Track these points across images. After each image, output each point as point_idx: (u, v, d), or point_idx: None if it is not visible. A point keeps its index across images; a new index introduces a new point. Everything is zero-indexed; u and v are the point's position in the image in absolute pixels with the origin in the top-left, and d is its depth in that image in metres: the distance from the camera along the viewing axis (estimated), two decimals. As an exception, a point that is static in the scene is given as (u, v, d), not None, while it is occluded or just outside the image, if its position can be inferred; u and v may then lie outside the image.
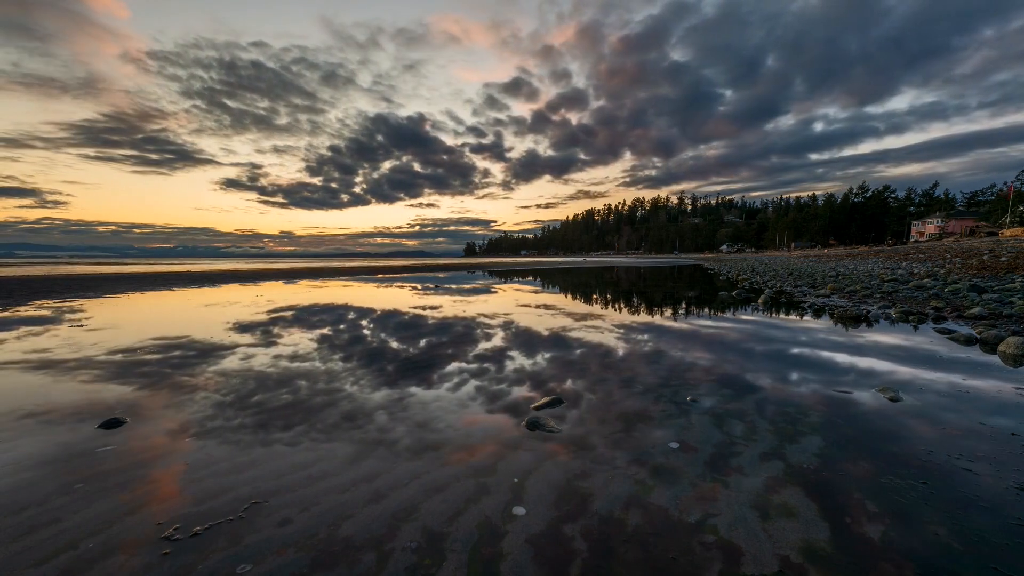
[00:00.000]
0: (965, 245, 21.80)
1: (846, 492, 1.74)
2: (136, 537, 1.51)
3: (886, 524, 1.54)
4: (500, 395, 2.98)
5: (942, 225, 56.15)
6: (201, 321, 6.33)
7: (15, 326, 5.93)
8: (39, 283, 13.49)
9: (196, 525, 1.57)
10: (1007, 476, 1.84)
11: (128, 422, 2.52)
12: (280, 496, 1.76)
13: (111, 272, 21.42)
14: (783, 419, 2.48)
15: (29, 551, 1.45)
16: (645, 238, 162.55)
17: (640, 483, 1.83)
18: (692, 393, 2.93)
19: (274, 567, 1.37)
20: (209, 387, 3.17)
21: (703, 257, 65.79)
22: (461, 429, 2.41)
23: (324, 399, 2.90)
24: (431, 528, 1.55)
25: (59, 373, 3.57)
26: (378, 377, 3.43)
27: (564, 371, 3.54)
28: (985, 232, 42.44)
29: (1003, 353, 3.80)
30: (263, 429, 2.42)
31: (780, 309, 7.08)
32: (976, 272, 9.94)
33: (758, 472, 1.91)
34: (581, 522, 1.58)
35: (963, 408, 2.61)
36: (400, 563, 1.38)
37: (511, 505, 1.68)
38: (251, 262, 56.89)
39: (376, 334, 5.28)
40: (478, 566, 1.37)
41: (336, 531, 1.54)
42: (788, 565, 1.35)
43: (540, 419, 2.46)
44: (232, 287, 13.00)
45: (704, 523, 1.56)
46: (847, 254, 29.56)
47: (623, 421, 2.49)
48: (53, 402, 2.87)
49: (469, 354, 4.20)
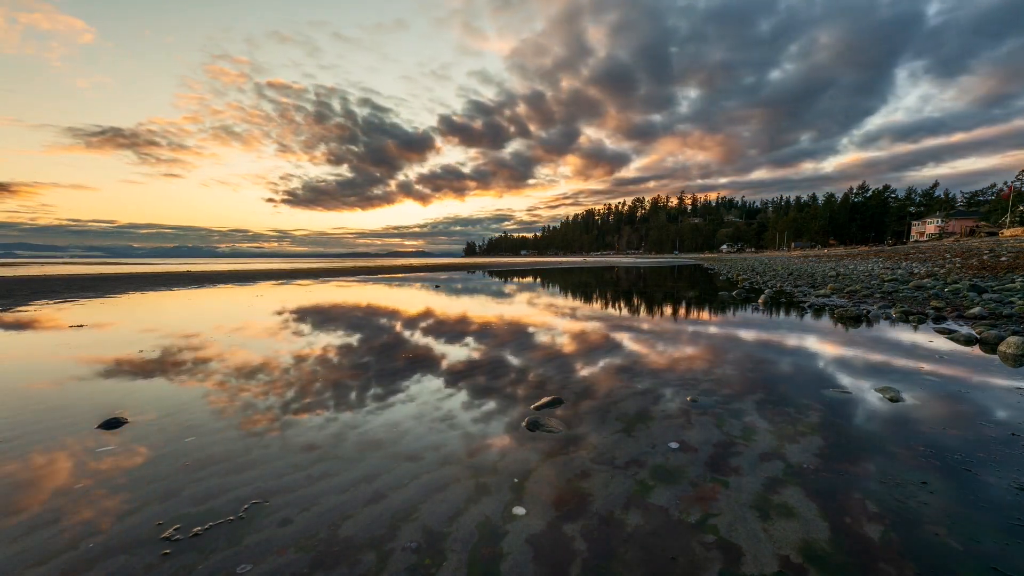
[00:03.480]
0: (965, 245, 21.80)
1: (846, 492, 1.74)
2: (136, 537, 1.51)
3: (886, 524, 1.54)
4: (500, 395, 2.98)
5: (942, 225, 56.13)
6: (201, 321, 6.33)
7: (15, 326, 5.93)
8: (39, 283, 13.48)
9: (196, 525, 1.57)
10: (1007, 476, 1.84)
11: (129, 422, 2.52)
12: (280, 496, 1.76)
13: (111, 272, 21.41)
14: (783, 419, 2.48)
15: (29, 551, 1.45)
16: (645, 238, 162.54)
17: (640, 483, 1.83)
18: (691, 393, 2.93)
19: (274, 567, 1.37)
20: (210, 387, 3.17)
21: (703, 257, 65.80)
22: (461, 430, 2.41)
23: (322, 400, 2.90)
24: (431, 528, 1.55)
25: (59, 374, 3.57)
26: (375, 377, 3.43)
27: (564, 371, 3.54)
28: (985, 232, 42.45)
29: (1003, 353, 3.80)
30: (262, 429, 2.42)
31: (780, 309, 7.08)
32: (976, 272, 9.94)
33: (758, 472, 1.91)
34: (581, 522, 1.58)
35: (963, 408, 2.61)
36: (400, 563, 1.38)
37: (511, 505, 1.68)
38: (245, 262, 56.89)
39: (365, 336, 5.28)
40: (478, 566, 1.37)
41: (336, 531, 1.54)
42: (788, 565, 1.35)
43: (540, 419, 2.46)
44: (228, 287, 13.00)
45: (704, 523, 1.56)
46: (847, 254, 29.56)
47: (623, 421, 2.48)
48: (54, 402, 2.87)
49: (468, 354, 4.20)
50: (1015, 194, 50.59)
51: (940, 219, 58.36)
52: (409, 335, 5.22)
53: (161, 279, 16.09)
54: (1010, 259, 11.45)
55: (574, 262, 49.35)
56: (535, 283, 14.57)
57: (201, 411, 2.70)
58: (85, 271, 23.20)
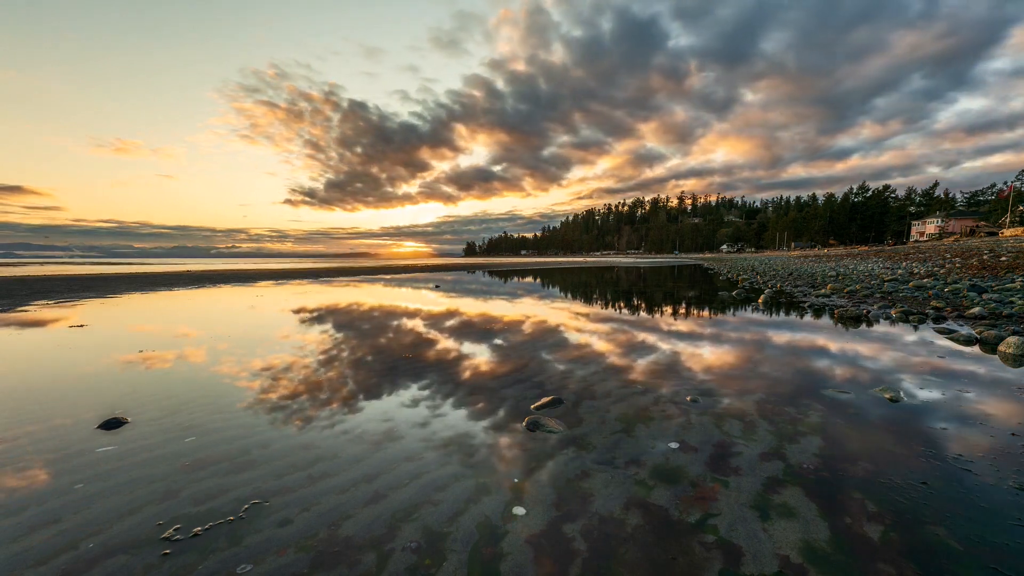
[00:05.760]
0: (965, 245, 21.80)
1: (846, 492, 1.74)
2: (136, 537, 1.51)
3: (886, 524, 1.54)
4: (499, 395, 2.98)
5: (942, 225, 56.11)
6: (201, 320, 6.33)
7: (15, 326, 5.93)
8: (39, 283, 13.48)
9: (196, 525, 1.57)
10: (1007, 476, 1.84)
11: (129, 422, 2.52)
12: (280, 496, 1.76)
13: (111, 272, 21.41)
14: (783, 419, 2.48)
15: (29, 551, 1.45)
16: (645, 238, 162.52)
17: (640, 483, 1.83)
18: (691, 393, 2.93)
19: (274, 567, 1.37)
20: (210, 387, 3.17)
21: (703, 257, 65.80)
22: (460, 430, 2.41)
23: (321, 399, 2.90)
24: (431, 528, 1.55)
25: (59, 374, 3.57)
26: (375, 377, 3.43)
27: (564, 371, 3.54)
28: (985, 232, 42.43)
29: (1003, 353, 3.80)
30: (262, 429, 2.42)
31: (780, 309, 7.08)
32: (976, 272, 9.94)
33: (758, 472, 1.91)
34: (581, 522, 1.58)
35: (963, 408, 2.61)
36: (400, 563, 1.38)
37: (511, 505, 1.68)
38: (245, 263, 56.94)
39: (365, 336, 5.28)
40: (478, 566, 1.37)
41: (336, 531, 1.54)
42: (788, 565, 1.35)
43: (540, 419, 2.46)
44: (228, 287, 13.00)
45: (704, 523, 1.56)
46: (847, 254, 29.56)
47: (623, 421, 2.49)
48: (54, 402, 2.87)
49: (468, 354, 4.20)
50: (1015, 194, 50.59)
51: (940, 219, 58.35)
52: (408, 335, 5.21)
53: (161, 279, 16.09)
54: (1010, 259, 11.45)
55: (574, 262, 49.36)
56: (535, 283, 14.56)
57: (201, 411, 2.70)
58: (85, 271, 23.20)
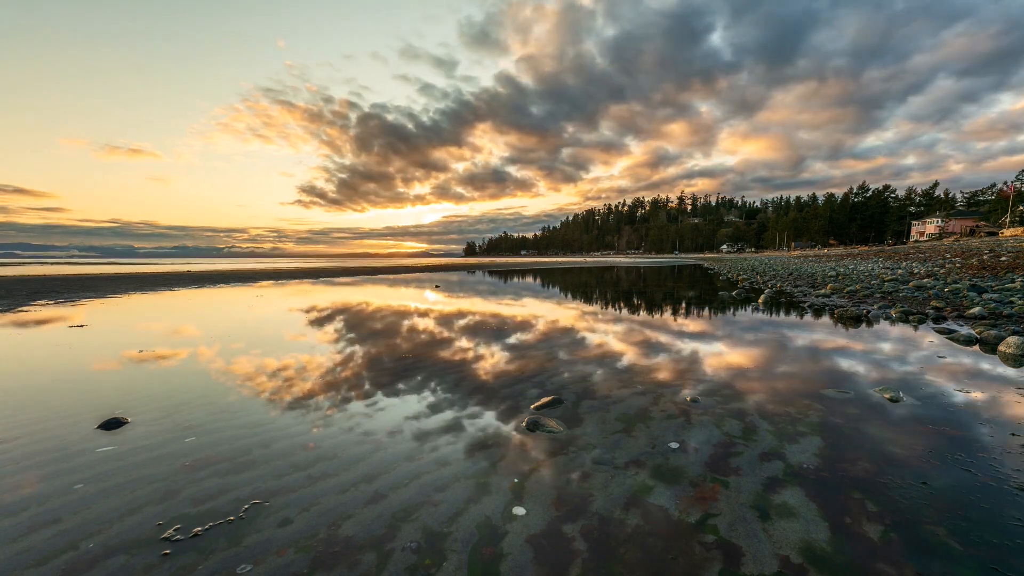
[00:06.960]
0: (965, 245, 21.80)
1: (846, 492, 1.74)
2: (136, 537, 1.51)
3: (886, 524, 1.54)
4: (499, 395, 2.98)
5: (942, 225, 56.12)
6: (201, 320, 6.33)
7: (15, 326, 5.93)
8: (39, 283, 13.48)
9: (196, 525, 1.57)
10: (1007, 476, 1.84)
11: (129, 422, 2.52)
12: (280, 496, 1.76)
13: (111, 272, 21.41)
14: (783, 419, 2.48)
15: (29, 551, 1.45)
16: (645, 238, 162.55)
17: (640, 483, 1.83)
18: (691, 393, 2.93)
19: (274, 567, 1.37)
20: (210, 387, 3.17)
21: (703, 257, 65.80)
22: (460, 430, 2.41)
23: (321, 399, 2.90)
24: (431, 528, 1.55)
25: (59, 374, 3.57)
26: (374, 377, 3.43)
27: (564, 371, 3.54)
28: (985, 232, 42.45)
29: (1003, 353, 3.80)
30: (262, 429, 2.42)
31: (780, 309, 7.08)
32: (976, 272, 9.94)
33: (758, 472, 1.91)
34: (581, 522, 1.58)
35: (963, 408, 2.61)
36: (400, 563, 1.38)
37: (511, 505, 1.68)
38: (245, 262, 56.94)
39: (364, 336, 5.28)
40: (478, 566, 1.37)
41: (336, 531, 1.54)
42: (788, 565, 1.35)
43: (540, 419, 2.46)
44: (228, 287, 13.00)
45: (704, 523, 1.56)
46: (847, 254, 29.56)
47: (623, 421, 2.49)
48: (54, 402, 2.87)
49: (468, 354, 4.20)
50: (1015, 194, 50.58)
51: (940, 219, 58.37)
52: (408, 334, 5.22)
53: (162, 279, 16.09)
54: (1010, 259, 11.45)
55: (574, 262, 49.36)
56: (534, 283, 14.56)
57: (201, 411, 2.70)
58: (85, 271, 23.20)
